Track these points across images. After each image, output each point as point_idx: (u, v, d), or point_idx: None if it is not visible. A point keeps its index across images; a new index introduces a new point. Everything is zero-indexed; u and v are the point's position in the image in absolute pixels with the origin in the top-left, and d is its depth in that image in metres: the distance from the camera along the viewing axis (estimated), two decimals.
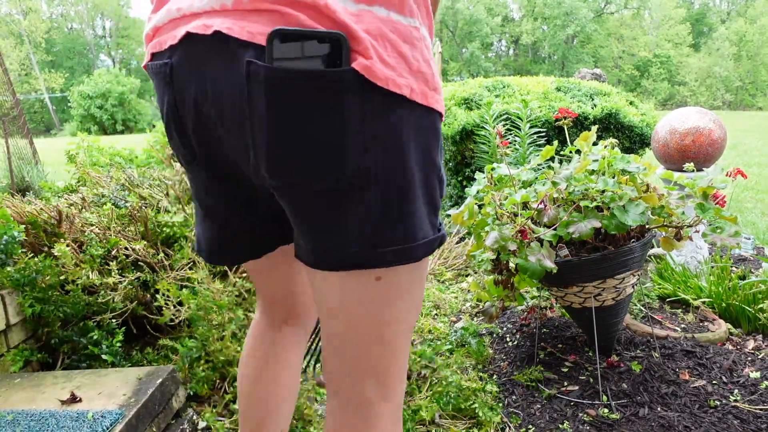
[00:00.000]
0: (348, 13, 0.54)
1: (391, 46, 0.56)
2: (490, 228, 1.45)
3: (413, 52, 0.58)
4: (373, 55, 0.54)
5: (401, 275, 0.65)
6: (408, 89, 0.57)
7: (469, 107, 3.55)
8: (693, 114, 2.33)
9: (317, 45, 0.53)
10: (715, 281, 2.04)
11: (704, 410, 1.42)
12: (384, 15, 0.56)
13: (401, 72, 0.56)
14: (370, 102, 0.55)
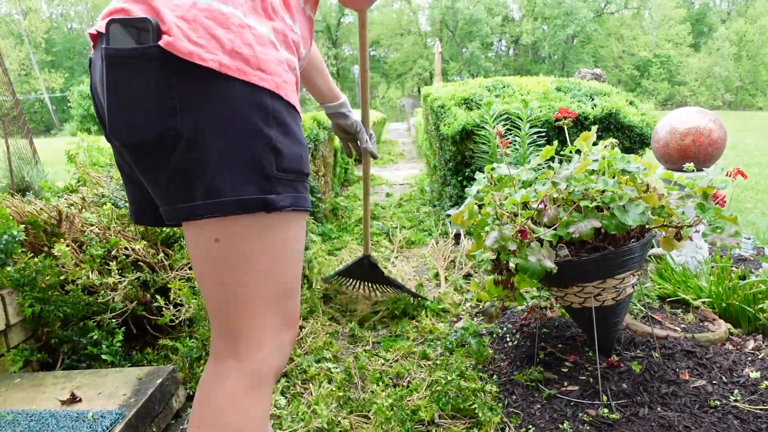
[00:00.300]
0: (169, 4, 0.69)
1: (203, 29, 0.69)
2: (490, 228, 1.45)
3: (228, 35, 0.70)
4: (177, 34, 0.67)
5: (241, 240, 0.73)
6: (215, 63, 0.68)
7: (469, 107, 3.55)
8: (693, 114, 2.33)
9: (135, 29, 0.68)
10: (715, 281, 2.04)
11: (704, 410, 1.42)
12: (205, 5, 0.70)
13: (211, 49, 0.69)
14: (177, 72, 0.68)
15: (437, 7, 40.50)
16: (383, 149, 10.73)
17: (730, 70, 35.50)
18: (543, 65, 40.55)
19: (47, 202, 2.09)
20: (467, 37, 40.48)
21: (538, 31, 40.87)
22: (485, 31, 39.96)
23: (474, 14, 39.66)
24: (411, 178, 6.60)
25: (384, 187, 5.86)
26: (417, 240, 3.49)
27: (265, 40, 0.73)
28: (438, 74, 16.37)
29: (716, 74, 35.54)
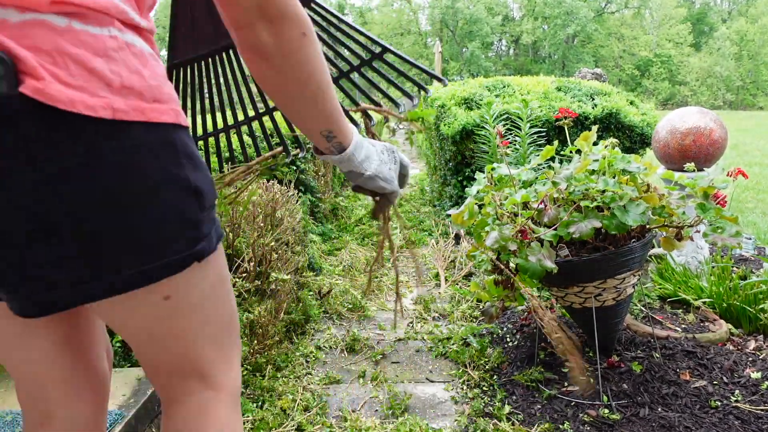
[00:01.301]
0: (14, 33, 0.47)
1: (75, 63, 0.49)
2: (491, 228, 1.45)
3: (111, 65, 0.52)
4: (45, 75, 0.47)
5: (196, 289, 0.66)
6: (108, 110, 0.51)
7: (469, 107, 3.55)
8: (694, 114, 2.33)
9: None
10: (715, 281, 2.04)
11: (705, 411, 1.42)
12: (63, 25, 0.49)
13: (95, 91, 0.50)
14: (56, 128, 0.48)
15: (437, 6, 40.51)
16: None
17: (731, 70, 35.49)
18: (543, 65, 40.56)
19: None
20: (467, 36, 40.48)
21: (538, 30, 40.87)
22: (485, 31, 39.96)
23: (474, 14, 39.66)
24: (411, 178, 6.59)
25: None
26: (417, 240, 3.49)
27: (146, 56, 0.57)
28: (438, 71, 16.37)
29: (717, 74, 35.54)
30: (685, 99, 35.83)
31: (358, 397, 1.67)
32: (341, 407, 1.60)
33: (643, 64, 38.85)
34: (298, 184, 2.96)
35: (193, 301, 0.67)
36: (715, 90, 36.02)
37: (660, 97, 35.90)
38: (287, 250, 2.15)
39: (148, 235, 0.58)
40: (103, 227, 0.54)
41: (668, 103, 35.57)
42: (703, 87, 36.02)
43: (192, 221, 0.62)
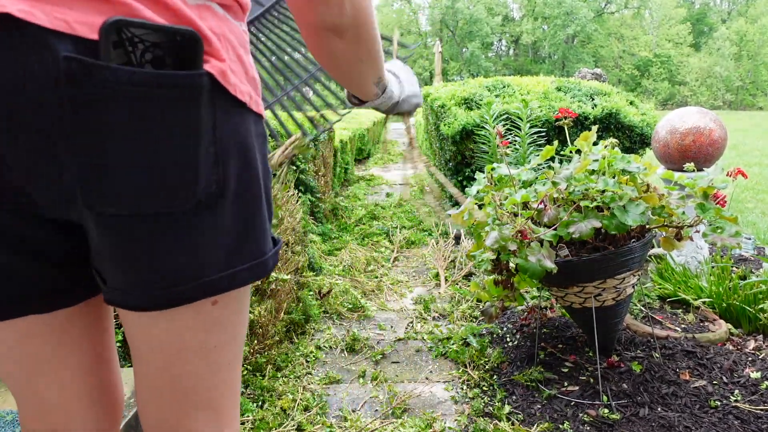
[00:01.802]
0: (188, 7, 0.47)
1: (232, 49, 0.51)
2: (490, 228, 1.45)
3: (248, 56, 0.54)
4: (226, 58, 0.49)
5: (236, 295, 0.59)
6: (248, 96, 0.52)
7: (469, 107, 3.55)
8: (693, 114, 2.33)
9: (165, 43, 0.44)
10: (715, 281, 2.04)
11: (705, 410, 1.42)
12: (221, 13, 0.51)
13: (242, 78, 0.52)
14: (221, 110, 0.49)
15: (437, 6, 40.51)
16: (383, 149, 10.73)
17: (731, 70, 35.50)
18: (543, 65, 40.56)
19: None
20: (467, 36, 40.48)
21: (538, 30, 40.88)
22: (485, 31, 39.96)
23: (474, 14, 39.67)
24: (411, 178, 6.59)
25: (384, 187, 5.86)
26: (417, 240, 3.49)
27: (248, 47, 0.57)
28: (438, 74, 16.35)
29: (717, 74, 35.55)
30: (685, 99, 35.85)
31: (358, 397, 1.68)
32: (341, 407, 1.60)
33: (642, 65, 38.87)
34: (298, 184, 2.96)
35: (236, 308, 0.60)
36: (715, 90, 36.03)
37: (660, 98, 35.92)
38: (287, 250, 2.15)
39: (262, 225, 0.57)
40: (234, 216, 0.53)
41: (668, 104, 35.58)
42: (702, 87, 36.04)
43: (272, 214, 0.60)
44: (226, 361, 0.61)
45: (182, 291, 0.52)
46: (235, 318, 0.60)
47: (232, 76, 0.50)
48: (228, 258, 0.54)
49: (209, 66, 0.47)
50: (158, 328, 0.56)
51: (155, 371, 0.59)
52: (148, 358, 0.59)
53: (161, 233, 0.50)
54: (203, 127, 0.48)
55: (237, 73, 0.51)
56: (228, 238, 0.53)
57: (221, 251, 0.53)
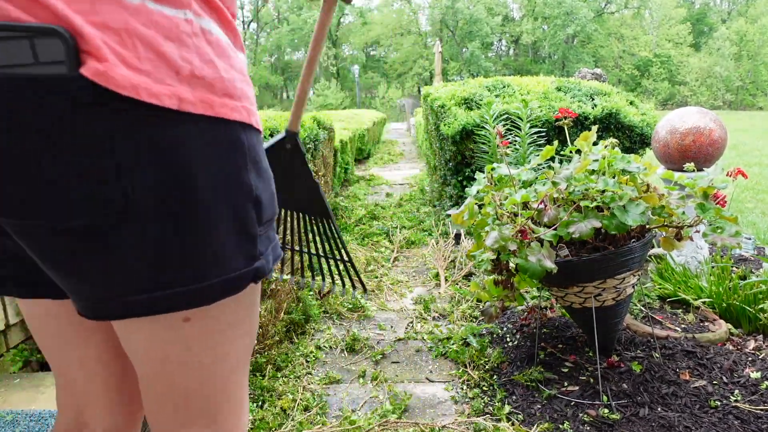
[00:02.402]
0: (81, 9, 0.43)
1: (144, 45, 0.45)
2: (490, 228, 1.45)
3: (182, 51, 0.47)
4: (110, 57, 0.43)
5: (215, 313, 0.56)
6: (174, 99, 0.46)
7: (469, 107, 3.55)
8: (693, 114, 2.33)
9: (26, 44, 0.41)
10: (715, 281, 2.04)
11: (705, 410, 1.42)
12: (136, 3, 0.45)
13: (162, 77, 0.46)
14: (118, 117, 0.44)
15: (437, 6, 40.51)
16: (383, 149, 10.73)
17: (731, 70, 35.50)
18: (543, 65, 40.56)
19: None
20: (467, 36, 40.48)
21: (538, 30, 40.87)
22: (485, 31, 39.96)
23: (474, 14, 39.66)
24: (411, 178, 6.60)
25: (384, 187, 5.86)
26: (417, 240, 3.49)
27: (222, 45, 0.52)
28: (438, 74, 16.36)
29: (717, 74, 35.55)
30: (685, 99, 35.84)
31: (358, 397, 1.68)
32: (341, 407, 1.60)
33: (642, 64, 38.86)
34: None
35: (219, 327, 0.58)
36: (715, 90, 36.03)
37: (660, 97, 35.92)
38: None
39: (205, 247, 0.51)
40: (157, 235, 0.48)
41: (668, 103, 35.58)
42: (702, 87, 36.03)
43: (250, 235, 0.55)
44: (219, 374, 0.60)
45: (108, 307, 0.51)
46: (221, 336, 0.58)
47: (132, 76, 0.44)
48: (155, 278, 0.50)
49: (84, 68, 0.42)
50: (137, 339, 0.56)
51: (147, 380, 0.60)
52: (138, 366, 0.59)
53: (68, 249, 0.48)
54: (87, 138, 0.44)
55: (148, 71, 0.45)
56: (147, 261, 0.49)
57: (143, 271, 0.50)
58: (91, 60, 0.42)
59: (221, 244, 0.52)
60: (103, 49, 0.43)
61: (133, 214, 0.47)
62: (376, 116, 12.56)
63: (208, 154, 0.50)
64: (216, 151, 0.50)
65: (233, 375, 0.62)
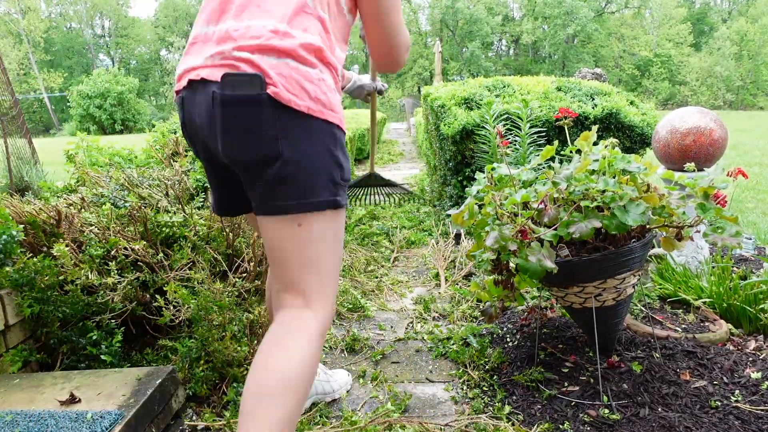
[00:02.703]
0: (269, 65, 0.96)
1: (295, 83, 0.97)
2: (490, 228, 1.45)
3: (312, 86, 0.98)
4: (280, 86, 0.95)
5: (315, 224, 1.03)
6: (305, 107, 0.97)
7: (469, 107, 3.54)
8: (694, 114, 2.33)
9: (248, 80, 0.95)
10: (716, 281, 2.04)
11: (705, 411, 1.42)
12: (293, 65, 0.98)
13: (303, 98, 0.97)
14: (280, 112, 0.96)
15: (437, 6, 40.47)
16: (383, 149, 10.73)
17: (731, 70, 35.47)
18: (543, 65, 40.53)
19: (46, 202, 2.09)
20: (467, 36, 40.44)
21: (538, 30, 40.85)
22: (485, 31, 39.93)
23: (474, 14, 39.63)
24: (411, 178, 6.59)
25: None
26: (417, 240, 3.49)
27: (332, 88, 1.04)
28: (438, 74, 16.34)
29: (717, 74, 35.52)
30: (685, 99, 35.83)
31: (358, 397, 1.67)
32: (341, 407, 1.60)
33: (643, 64, 38.85)
34: None
35: (316, 236, 1.03)
36: (715, 90, 36.01)
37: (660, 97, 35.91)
38: None
39: (311, 183, 1.00)
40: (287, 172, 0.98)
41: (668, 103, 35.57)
42: (703, 87, 36.01)
43: (335, 182, 1.03)
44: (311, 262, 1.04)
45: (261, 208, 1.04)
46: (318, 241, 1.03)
47: (288, 95, 0.96)
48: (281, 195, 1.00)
49: (268, 90, 0.95)
50: (271, 228, 1.04)
51: (269, 253, 1.07)
52: (270, 254, 1.07)
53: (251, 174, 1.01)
54: (265, 121, 0.96)
55: (296, 94, 0.97)
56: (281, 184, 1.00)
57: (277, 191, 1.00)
58: (271, 87, 0.95)
59: (319, 183, 1.01)
60: (278, 83, 0.95)
61: (277, 159, 0.98)
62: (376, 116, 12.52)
63: (320, 136, 1.01)
64: (323, 135, 1.01)
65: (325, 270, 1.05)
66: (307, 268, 1.03)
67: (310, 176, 0.99)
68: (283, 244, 1.03)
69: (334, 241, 1.06)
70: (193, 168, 2.47)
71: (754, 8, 38.04)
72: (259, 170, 1.00)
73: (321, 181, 1.01)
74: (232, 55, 0.97)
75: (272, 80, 0.94)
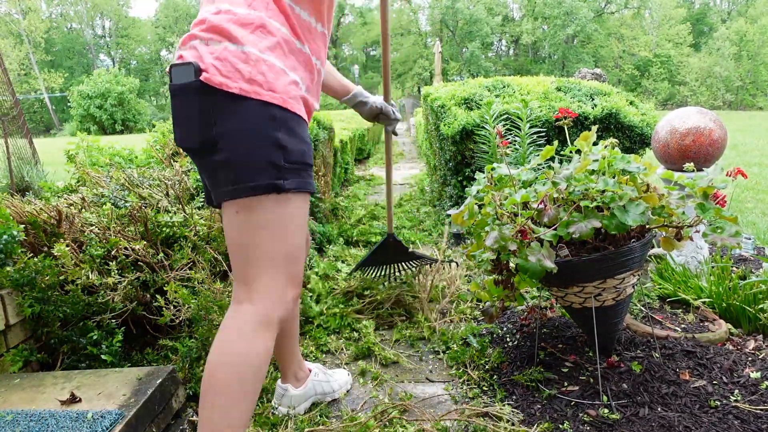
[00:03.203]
0: (208, 50, 0.98)
1: (230, 65, 0.96)
2: (490, 228, 1.45)
3: (247, 67, 0.97)
4: (213, 70, 0.96)
5: (254, 210, 1.00)
6: (237, 89, 0.96)
7: (469, 107, 3.55)
8: (693, 114, 2.33)
9: (184, 69, 0.97)
10: (715, 281, 2.04)
11: (705, 410, 1.42)
12: (231, 48, 0.97)
13: (236, 79, 0.96)
14: (213, 97, 0.96)
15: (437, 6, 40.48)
16: (383, 149, 10.72)
17: (731, 70, 35.47)
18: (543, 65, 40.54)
19: (47, 202, 2.09)
20: (467, 36, 40.45)
21: (538, 30, 40.85)
22: (485, 31, 39.93)
23: (474, 14, 39.63)
24: (411, 178, 6.60)
25: (384, 187, 5.85)
26: (417, 240, 3.49)
27: (276, 69, 1.00)
28: (438, 74, 16.36)
29: (716, 74, 35.53)
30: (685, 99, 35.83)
31: (358, 397, 1.68)
32: (341, 407, 1.60)
33: (642, 64, 38.85)
34: None
35: (255, 223, 1.00)
36: (715, 90, 36.01)
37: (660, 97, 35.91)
38: None
39: (243, 166, 0.98)
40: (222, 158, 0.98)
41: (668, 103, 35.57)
42: (702, 87, 36.02)
43: (276, 165, 0.99)
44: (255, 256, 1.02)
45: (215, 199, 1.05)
46: (259, 229, 1.01)
47: (221, 78, 0.96)
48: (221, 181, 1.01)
49: (201, 76, 0.96)
50: (223, 218, 1.06)
51: (230, 256, 1.08)
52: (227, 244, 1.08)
53: (199, 162, 1.06)
54: (201, 107, 0.97)
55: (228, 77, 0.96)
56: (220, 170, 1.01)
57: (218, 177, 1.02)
58: (204, 73, 0.96)
59: (255, 166, 0.98)
60: (210, 68, 0.96)
61: (215, 146, 0.98)
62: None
63: (254, 118, 0.97)
64: (259, 116, 0.98)
65: (266, 261, 1.02)
66: (247, 257, 1.01)
67: (243, 160, 0.97)
68: (228, 233, 1.03)
69: (279, 228, 1.02)
70: (193, 168, 2.48)
71: (754, 8, 38.05)
72: (203, 158, 1.01)
73: (256, 165, 0.98)
74: (189, 44, 1.00)
75: (205, 65, 0.95)
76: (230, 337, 0.99)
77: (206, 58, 0.95)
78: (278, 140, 0.99)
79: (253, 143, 0.97)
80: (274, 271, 1.02)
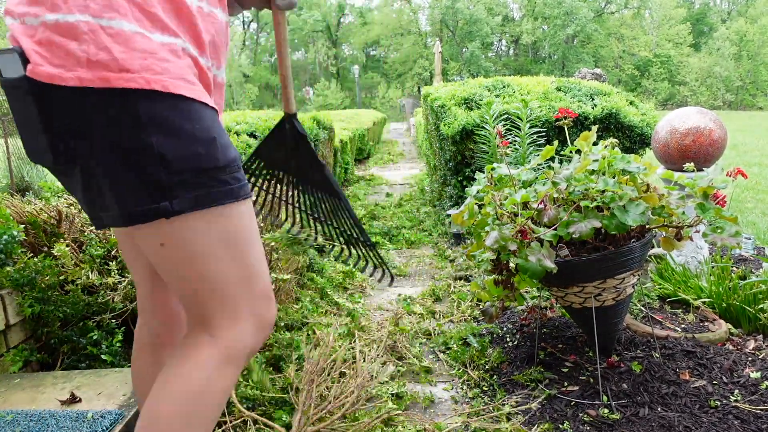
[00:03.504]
0: (25, 34, 0.67)
1: (59, 48, 0.66)
2: (490, 228, 1.45)
3: (82, 45, 0.65)
4: (38, 60, 0.65)
5: (184, 243, 0.74)
6: (76, 79, 0.65)
7: (469, 107, 3.55)
8: (693, 114, 2.33)
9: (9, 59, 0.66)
10: (715, 281, 2.04)
11: (704, 410, 1.42)
12: (52, 21, 0.66)
13: (70, 66, 0.65)
14: (48, 97, 0.66)
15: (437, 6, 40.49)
16: (383, 149, 10.73)
17: (731, 70, 35.49)
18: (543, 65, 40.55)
19: (47, 202, 2.09)
20: (467, 36, 40.46)
21: (538, 30, 40.86)
22: (485, 31, 39.94)
23: (474, 14, 39.64)
24: (411, 178, 6.60)
25: (384, 187, 5.86)
26: (417, 240, 3.49)
27: (126, 35, 0.67)
28: (438, 74, 16.36)
29: (716, 74, 35.54)
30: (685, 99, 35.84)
31: None
32: None
33: (642, 65, 38.86)
34: None
35: (186, 253, 0.75)
36: (715, 90, 36.02)
37: (660, 97, 35.92)
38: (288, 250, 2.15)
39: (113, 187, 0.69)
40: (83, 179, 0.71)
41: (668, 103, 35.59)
42: (702, 87, 36.03)
43: (155, 182, 0.69)
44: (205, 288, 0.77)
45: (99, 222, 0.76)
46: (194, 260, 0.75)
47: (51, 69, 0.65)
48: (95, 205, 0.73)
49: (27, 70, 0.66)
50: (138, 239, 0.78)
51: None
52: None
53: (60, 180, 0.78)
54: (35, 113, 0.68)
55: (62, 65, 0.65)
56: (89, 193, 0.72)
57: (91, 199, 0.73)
58: (29, 65, 0.66)
59: (125, 189, 0.69)
60: (33, 56, 0.66)
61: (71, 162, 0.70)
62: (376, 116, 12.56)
63: (107, 121, 0.67)
64: (113, 118, 0.67)
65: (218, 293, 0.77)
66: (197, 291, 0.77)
67: (109, 183, 0.69)
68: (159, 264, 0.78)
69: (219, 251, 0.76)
70: None
71: (754, 9, 38.06)
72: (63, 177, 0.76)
73: (125, 187, 0.69)
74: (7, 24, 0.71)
75: (29, 54, 0.65)
76: (185, 372, 0.77)
77: (24, 43, 0.66)
78: (151, 148, 0.67)
79: (114, 158, 0.68)
80: (230, 301, 0.78)
